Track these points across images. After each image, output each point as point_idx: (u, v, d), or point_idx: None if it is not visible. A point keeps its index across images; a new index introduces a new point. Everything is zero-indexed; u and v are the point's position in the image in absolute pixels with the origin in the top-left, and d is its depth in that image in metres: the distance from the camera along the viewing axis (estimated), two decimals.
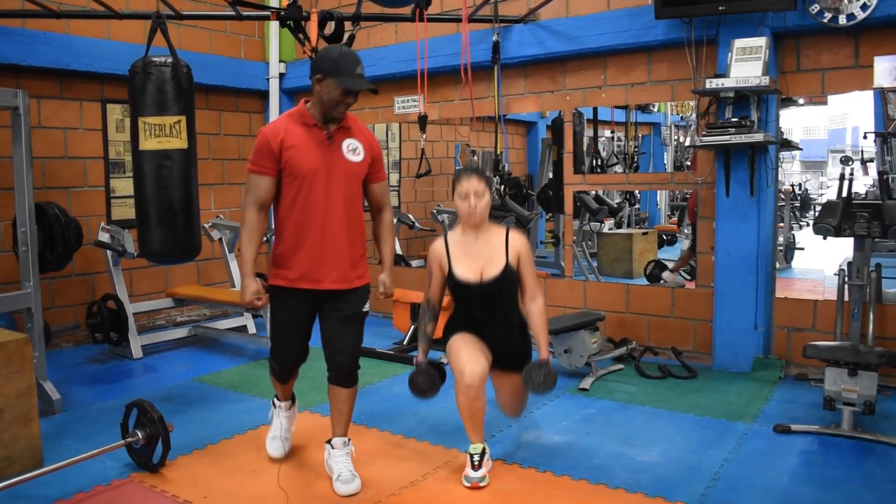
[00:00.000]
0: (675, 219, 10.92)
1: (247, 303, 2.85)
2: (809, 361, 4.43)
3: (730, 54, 4.29)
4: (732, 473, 3.17)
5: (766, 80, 4.13)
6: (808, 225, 11.03)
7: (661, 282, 7.11)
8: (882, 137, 8.12)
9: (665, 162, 10.68)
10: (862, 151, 8.62)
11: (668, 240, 10.00)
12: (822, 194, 14.47)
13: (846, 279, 4.16)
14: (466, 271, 3.14)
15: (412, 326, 5.46)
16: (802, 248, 8.77)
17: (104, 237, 5.15)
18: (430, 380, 3.24)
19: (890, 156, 8.08)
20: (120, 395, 4.34)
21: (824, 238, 4.06)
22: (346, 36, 4.79)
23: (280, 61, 6.55)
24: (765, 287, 4.64)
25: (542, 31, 5.22)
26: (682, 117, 10.86)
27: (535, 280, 3.24)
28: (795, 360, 4.63)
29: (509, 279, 3.14)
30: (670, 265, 7.48)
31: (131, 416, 3.26)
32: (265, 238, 3.93)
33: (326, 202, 2.87)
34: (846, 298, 4.18)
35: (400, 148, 8.17)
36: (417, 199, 8.43)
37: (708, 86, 4.32)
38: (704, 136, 4.35)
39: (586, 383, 4.45)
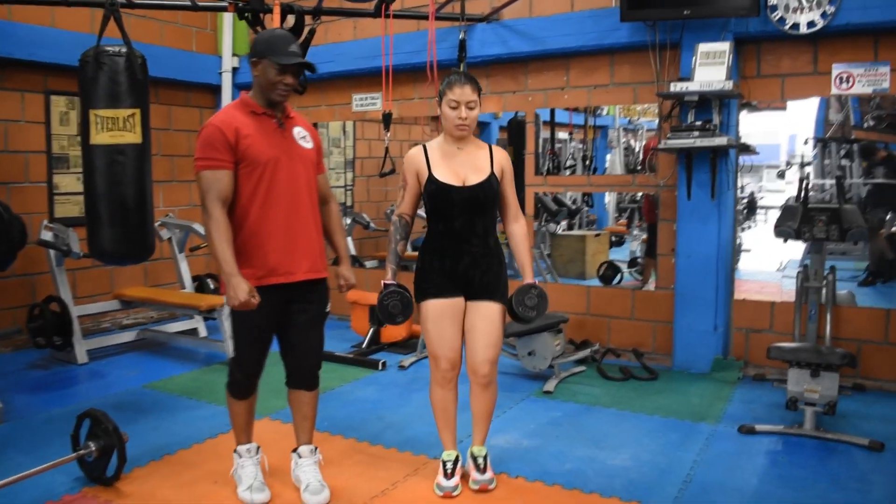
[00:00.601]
0: (623, 220, 11.08)
1: (242, 304, 2.62)
2: (767, 362, 4.51)
3: (694, 58, 4.33)
4: (703, 475, 3.18)
5: (729, 85, 4.18)
6: (752, 228, 11.31)
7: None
8: (822, 143, 8.41)
9: (607, 165, 10.79)
10: (802, 157, 8.90)
11: (616, 241, 10.13)
12: (762, 197, 14.89)
13: (804, 281, 4.25)
14: (448, 177, 2.91)
15: (371, 329, 5.36)
16: (749, 251, 8.98)
17: (47, 236, 4.90)
18: (401, 302, 2.96)
19: (829, 160, 8.37)
20: (66, 403, 4.13)
21: (784, 241, 4.12)
22: (306, 30, 4.66)
23: (233, 55, 6.35)
24: (724, 289, 4.70)
25: (505, 31, 5.18)
26: (630, 121, 11.01)
27: (516, 200, 3.08)
28: (753, 361, 4.70)
29: (493, 189, 2.95)
30: (622, 266, 7.56)
31: (83, 426, 3.08)
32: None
33: (290, 189, 2.78)
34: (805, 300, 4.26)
35: (354, 146, 8.05)
36: (371, 199, 8.32)
37: (672, 89, 4.35)
38: (669, 138, 4.38)
39: (550, 386, 4.42)
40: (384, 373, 4.80)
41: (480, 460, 3.06)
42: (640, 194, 7.78)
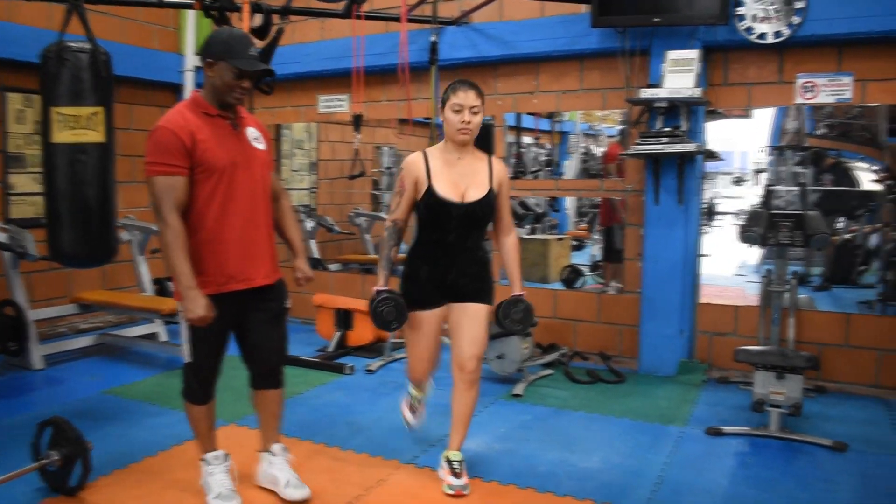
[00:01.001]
0: (583, 224, 11.21)
1: (199, 318, 2.55)
2: (731, 365, 4.60)
3: (663, 65, 4.38)
4: (674, 477, 3.21)
5: (698, 92, 4.24)
6: (710, 233, 11.53)
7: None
8: (778, 150, 8.62)
9: (563, 169, 10.89)
10: (757, 165, 9.13)
11: (576, 245, 10.24)
12: (718, 204, 15.23)
13: (768, 286, 4.33)
14: (447, 190, 2.92)
15: (337, 333, 5.30)
16: (708, 255, 9.15)
17: (2, 238, 4.72)
18: (396, 309, 2.95)
19: (784, 167, 8.58)
20: (22, 410, 3.98)
21: (750, 246, 4.20)
22: (273, 30, 4.60)
23: (196, 54, 6.23)
24: (690, 293, 4.77)
25: (475, 35, 5.18)
26: (590, 126, 11.14)
27: (510, 213, 3.11)
28: (717, 364, 4.78)
29: (491, 206, 2.98)
30: (584, 270, 7.64)
31: (44, 435, 2.97)
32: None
33: (248, 194, 2.72)
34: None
35: (318, 149, 7.96)
36: (334, 202, 8.23)
37: (642, 95, 4.40)
38: (638, 144, 4.43)
39: (519, 389, 4.43)
40: (351, 377, 4.75)
41: (457, 465, 3.05)
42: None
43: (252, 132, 2.82)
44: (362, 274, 6.69)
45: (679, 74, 4.33)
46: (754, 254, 8.52)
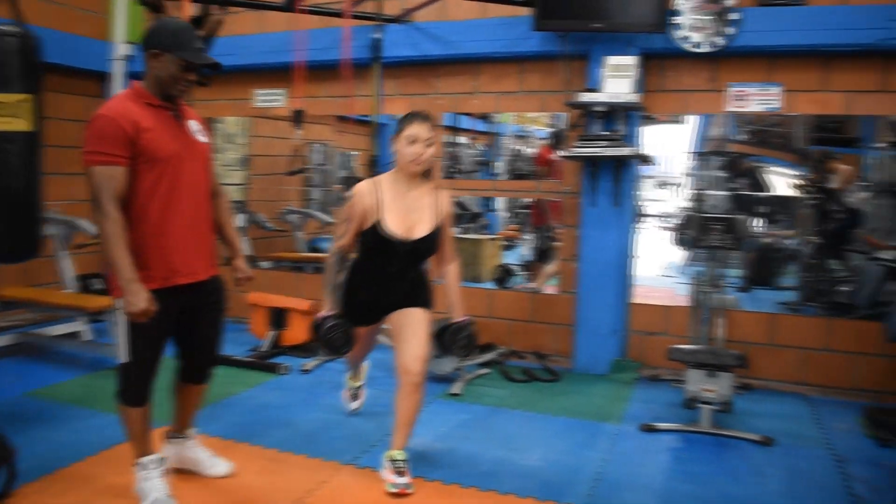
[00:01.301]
0: (514, 225, 11.36)
1: (141, 312, 2.48)
2: (662, 363, 4.73)
3: (603, 70, 4.48)
4: (612, 473, 3.28)
5: (635, 97, 4.36)
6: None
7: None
8: (702, 156, 8.96)
9: (492, 170, 11.01)
10: (681, 172, 9.47)
11: (507, 245, 10.37)
12: (643, 206, 15.70)
13: (699, 287, 4.48)
14: (395, 226, 3.00)
15: (271, 332, 5.20)
16: (636, 256, 9.40)
17: None
18: (345, 335, 3.03)
19: (707, 171, 8.94)
20: None
21: (685, 249, 4.34)
22: (212, 21, 4.48)
23: (126, 42, 5.99)
24: (623, 293, 4.88)
25: (416, 33, 5.17)
26: (521, 128, 11.30)
27: (452, 242, 3.19)
28: (649, 362, 4.91)
29: (435, 241, 3.07)
30: (516, 269, 7.74)
31: None
32: None
33: (192, 186, 2.69)
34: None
35: (250, 144, 7.78)
36: (266, 198, 8.07)
37: (582, 99, 4.48)
38: (577, 147, 4.51)
39: (457, 388, 4.44)
40: (287, 377, 4.67)
41: (400, 463, 3.04)
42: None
43: (194, 124, 2.78)
44: (295, 272, 6.59)
45: (618, 80, 4.43)
46: (679, 255, 8.83)
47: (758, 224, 7.86)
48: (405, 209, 3.03)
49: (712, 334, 4.54)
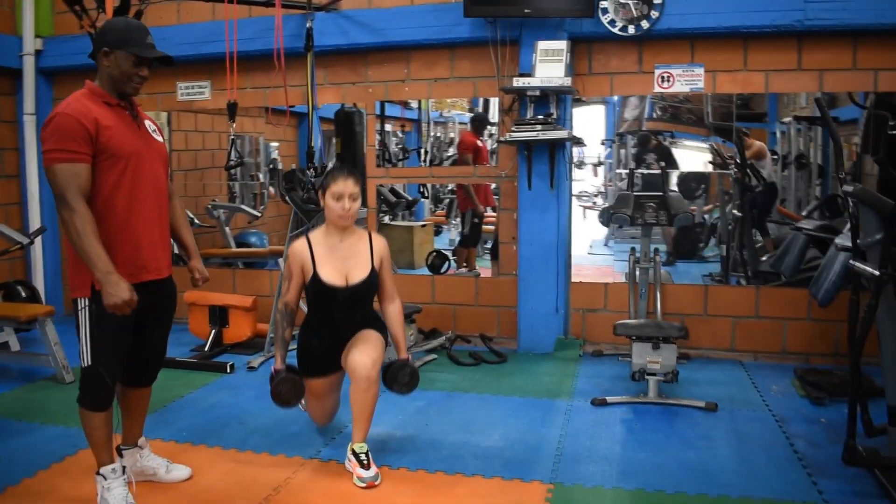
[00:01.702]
0: (441, 211, 11.43)
1: (125, 302, 2.45)
2: (603, 338, 4.91)
3: (534, 55, 4.55)
4: (571, 448, 3.38)
5: (568, 81, 4.45)
6: None
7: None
8: (619, 137, 9.24)
9: (423, 157, 11.04)
10: (599, 155, 9.75)
11: (435, 231, 10.45)
12: None
13: (636, 263, 4.64)
14: (332, 275, 3.11)
15: (212, 331, 5.08)
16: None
17: None
18: (293, 388, 3.13)
19: (624, 150, 9.21)
20: None
21: (620, 227, 4.48)
22: (132, 11, 4.32)
23: (36, 36, 5.68)
24: (563, 273, 5.00)
25: (344, 21, 5.11)
26: (441, 114, 11.34)
27: (392, 282, 3.30)
28: (590, 339, 5.06)
29: (374, 283, 3.19)
30: (449, 255, 7.79)
31: None
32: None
33: (152, 183, 2.70)
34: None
35: (170, 139, 7.52)
36: (188, 194, 7.83)
37: (516, 84, 4.54)
38: (513, 131, 4.58)
39: None
40: (233, 375, 4.58)
41: (364, 456, 3.06)
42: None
43: (150, 124, 2.81)
44: (225, 268, 6.44)
45: (550, 64, 4.51)
46: (601, 232, 9.09)
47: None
48: (340, 259, 3.13)
49: (650, 308, 4.73)
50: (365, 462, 3.04)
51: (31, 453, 3.30)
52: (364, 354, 3.07)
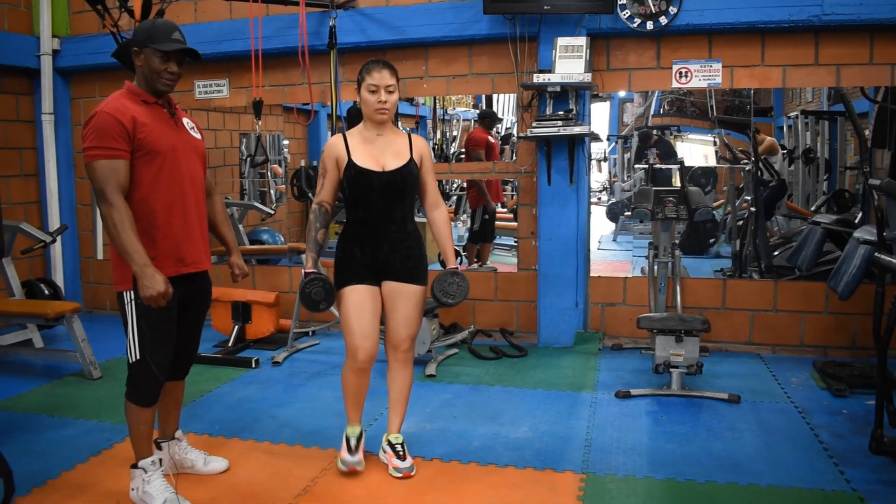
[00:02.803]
0: (449, 207, 11.47)
1: (160, 294, 2.51)
2: (623, 332, 4.96)
3: (554, 51, 4.59)
4: (599, 439, 3.44)
5: (588, 77, 4.49)
6: None
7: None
8: (622, 139, 9.34)
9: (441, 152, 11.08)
10: (605, 152, 9.85)
11: None
12: None
13: (655, 257, 4.69)
14: (367, 161, 2.94)
15: (235, 327, 5.13)
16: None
17: None
18: (324, 290, 2.93)
19: (628, 153, 9.31)
20: None
21: (641, 221, 4.53)
22: (154, 10, 4.37)
23: (53, 36, 5.72)
24: (583, 267, 5.05)
25: (363, 19, 5.15)
26: (445, 111, 11.38)
27: (436, 187, 3.13)
28: (609, 332, 5.12)
29: (412, 174, 2.99)
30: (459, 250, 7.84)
31: None
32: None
33: (189, 178, 2.77)
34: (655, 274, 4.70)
35: None
36: None
37: (536, 80, 4.59)
38: (534, 127, 4.62)
39: (431, 369, 4.52)
40: (259, 370, 4.63)
41: (399, 447, 3.10)
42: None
43: (188, 122, 2.87)
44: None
45: (569, 60, 4.56)
46: (608, 228, 9.15)
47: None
48: (376, 150, 2.97)
49: (669, 301, 4.78)
50: (401, 453, 3.08)
51: (67, 447, 3.36)
52: (405, 329, 3.04)
